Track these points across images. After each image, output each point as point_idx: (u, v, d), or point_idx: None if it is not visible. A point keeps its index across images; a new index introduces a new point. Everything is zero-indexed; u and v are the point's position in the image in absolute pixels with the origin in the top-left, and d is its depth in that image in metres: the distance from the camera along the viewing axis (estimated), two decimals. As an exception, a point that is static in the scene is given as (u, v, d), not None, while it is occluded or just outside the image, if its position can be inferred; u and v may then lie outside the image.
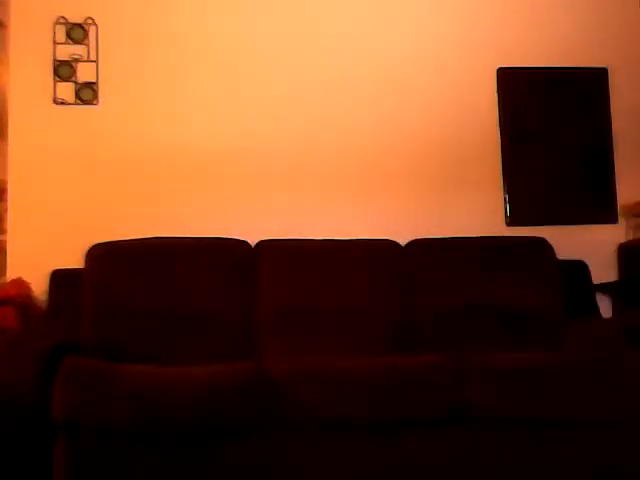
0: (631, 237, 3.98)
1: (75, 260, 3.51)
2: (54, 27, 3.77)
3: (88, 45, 3.79)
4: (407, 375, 2.77)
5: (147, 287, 3.41)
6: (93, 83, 3.79)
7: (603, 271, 3.89)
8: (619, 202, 4.06)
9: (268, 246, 3.60)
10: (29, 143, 3.72)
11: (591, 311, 3.74)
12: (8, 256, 3.64)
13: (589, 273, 3.81)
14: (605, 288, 3.86)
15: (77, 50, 3.79)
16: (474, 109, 4.04)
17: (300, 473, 2.66)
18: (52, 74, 3.75)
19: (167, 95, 3.86)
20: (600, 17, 4.18)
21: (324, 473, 2.67)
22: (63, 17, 3.79)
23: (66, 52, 3.77)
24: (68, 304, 3.41)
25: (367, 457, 2.68)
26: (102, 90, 3.79)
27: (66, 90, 3.76)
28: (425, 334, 3.50)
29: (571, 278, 3.74)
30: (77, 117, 3.77)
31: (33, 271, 3.53)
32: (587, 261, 3.83)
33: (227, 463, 2.63)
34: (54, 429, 2.57)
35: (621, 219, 4.04)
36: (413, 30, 4.06)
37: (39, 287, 3.52)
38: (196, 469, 2.61)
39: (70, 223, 3.69)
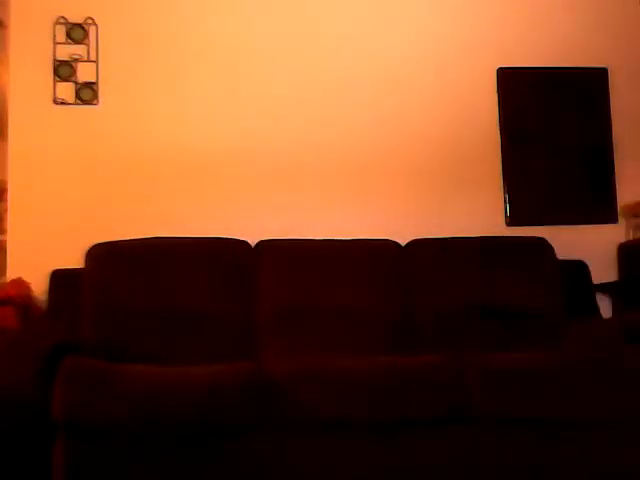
0: (631, 237, 3.98)
1: (75, 260, 3.51)
2: (54, 27, 3.77)
3: (88, 45, 3.79)
4: (407, 375, 2.77)
5: (147, 287, 3.41)
6: (93, 83, 3.79)
7: (603, 271, 3.89)
8: (619, 202, 4.06)
9: (268, 246, 3.60)
10: (29, 143, 3.72)
11: (591, 311, 3.74)
12: (8, 256, 3.64)
13: (589, 273, 3.81)
14: (605, 288, 3.86)
15: (77, 50, 3.79)
16: (474, 109, 4.04)
17: (300, 473, 2.66)
18: (52, 74, 3.75)
19: (167, 95, 3.86)
20: (600, 17, 4.18)
21: (324, 473, 2.67)
22: (63, 17, 3.79)
23: (66, 52, 3.77)
24: (68, 304, 3.41)
25: (367, 457, 2.68)
26: (102, 90, 3.79)
27: (66, 90, 3.76)
28: (425, 334, 3.50)
29: (571, 278, 3.74)
30: (77, 117, 3.78)
31: (33, 271, 3.53)
32: (587, 261, 3.83)
33: (227, 463, 2.63)
34: (54, 429, 2.57)
35: (621, 219, 4.05)
36: (413, 30, 4.06)
37: (39, 287, 3.51)
38: (196, 469, 2.61)
39: (70, 223, 3.69)
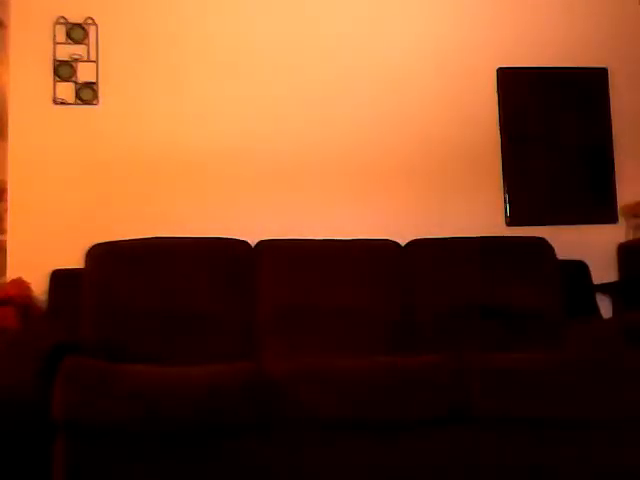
0: (631, 237, 3.98)
1: (75, 260, 3.50)
2: (54, 27, 3.77)
3: (88, 45, 3.79)
4: (407, 375, 2.77)
5: (147, 287, 3.41)
6: (93, 83, 3.79)
7: (603, 271, 3.89)
8: (619, 202, 4.06)
9: (268, 246, 3.60)
10: (29, 143, 3.72)
11: (591, 311, 3.74)
12: (8, 256, 3.64)
13: (589, 273, 3.81)
14: (605, 288, 3.86)
15: (77, 50, 3.78)
16: (474, 109, 4.04)
17: (300, 473, 2.66)
18: (52, 74, 3.75)
19: (167, 95, 3.86)
20: (600, 17, 4.18)
21: (324, 473, 2.67)
22: (63, 17, 3.79)
23: (66, 52, 3.77)
24: (68, 304, 3.41)
25: (367, 457, 2.68)
26: (102, 90, 3.79)
27: (66, 90, 3.76)
28: (425, 334, 3.50)
29: (571, 278, 3.74)
30: (77, 117, 3.78)
31: (33, 271, 3.53)
32: (587, 261, 3.83)
33: (227, 463, 2.63)
34: (54, 429, 2.57)
35: (621, 219, 4.04)
36: (413, 30, 4.06)
37: (39, 287, 3.51)
38: (196, 469, 2.61)
39: (70, 223, 3.69)
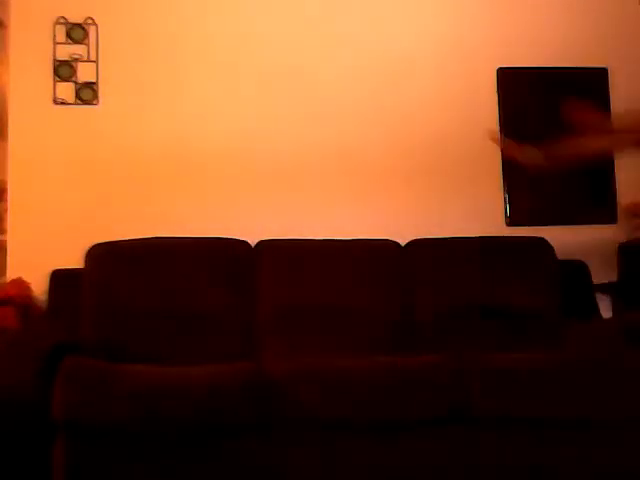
0: (631, 237, 3.98)
1: (75, 260, 3.50)
2: (54, 27, 3.77)
3: (88, 45, 3.79)
4: (407, 375, 2.77)
5: (147, 287, 3.41)
6: (93, 83, 3.78)
7: (603, 271, 3.89)
8: (619, 202, 4.06)
9: (268, 246, 3.60)
10: (29, 143, 3.72)
11: (591, 311, 3.74)
12: (8, 256, 3.63)
13: (589, 273, 3.81)
14: (605, 288, 3.86)
15: (77, 50, 3.78)
16: (474, 109, 4.04)
17: (300, 473, 2.66)
18: (52, 74, 3.75)
19: (167, 95, 3.86)
20: (600, 17, 4.18)
21: (324, 473, 2.67)
22: (63, 17, 3.79)
23: (66, 52, 3.77)
24: (68, 304, 3.41)
25: (367, 457, 2.68)
26: (102, 90, 3.79)
27: (66, 90, 3.76)
28: (425, 334, 3.50)
29: (571, 278, 3.74)
30: (77, 117, 3.77)
31: (33, 271, 3.53)
32: (587, 261, 3.83)
33: (227, 463, 2.63)
34: (54, 429, 2.57)
35: (621, 219, 4.04)
36: (413, 30, 4.06)
37: (39, 287, 3.52)
38: (196, 469, 2.61)
39: (70, 223, 3.69)
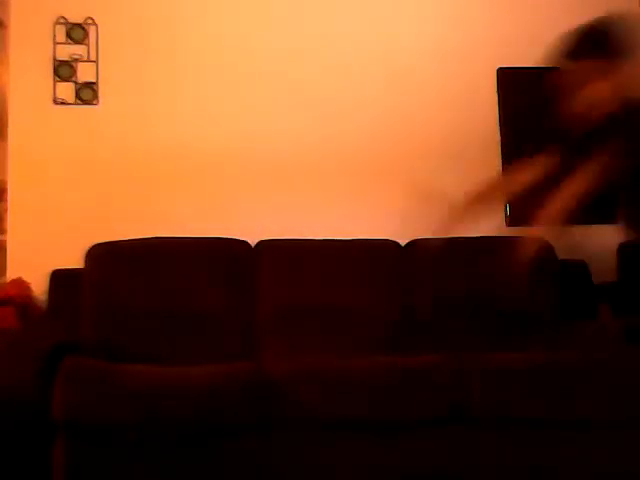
0: (631, 237, 3.97)
1: (75, 260, 3.50)
2: (54, 27, 3.77)
3: (88, 45, 3.79)
4: (407, 375, 2.77)
5: (147, 287, 3.41)
6: (93, 83, 3.78)
7: (603, 271, 3.89)
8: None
9: (268, 246, 3.60)
10: (29, 143, 3.72)
11: (591, 311, 3.74)
12: (8, 256, 3.63)
13: (589, 273, 3.81)
14: (605, 288, 3.85)
15: (77, 50, 3.78)
16: (474, 109, 4.04)
17: (300, 473, 2.66)
18: (52, 74, 3.75)
19: (167, 95, 3.86)
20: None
21: (324, 473, 2.67)
22: (63, 17, 3.79)
23: (66, 52, 3.77)
24: (68, 304, 3.41)
25: (367, 457, 2.68)
26: (102, 90, 3.79)
27: (66, 90, 3.76)
28: (425, 334, 3.50)
29: (571, 278, 3.74)
30: (77, 117, 3.77)
31: (33, 271, 3.53)
32: (587, 261, 3.82)
33: (227, 463, 2.63)
34: (54, 429, 2.57)
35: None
36: (413, 30, 4.06)
37: (39, 287, 3.52)
38: (196, 469, 2.61)
39: (70, 223, 3.69)
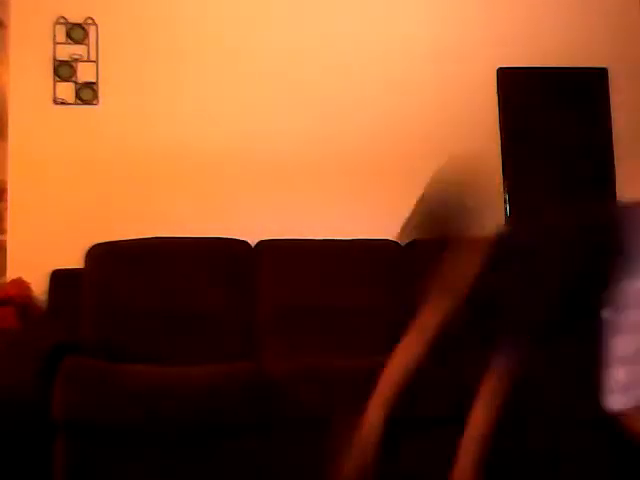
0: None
1: (75, 260, 3.50)
2: (54, 27, 3.77)
3: (88, 45, 3.79)
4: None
5: (147, 287, 3.41)
6: (93, 83, 3.78)
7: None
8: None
9: (268, 246, 3.60)
10: (29, 143, 3.72)
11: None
12: (8, 256, 3.63)
13: (589, 273, 3.80)
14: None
15: (77, 50, 3.78)
16: (474, 109, 4.04)
17: (300, 473, 2.66)
18: (52, 74, 3.75)
19: (167, 95, 3.86)
20: (600, 17, 4.18)
21: (324, 473, 2.67)
22: (63, 17, 3.79)
23: (66, 52, 3.77)
24: (68, 304, 3.40)
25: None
26: (102, 90, 3.79)
27: (66, 90, 3.76)
28: (425, 334, 3.50)
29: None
30: (77, 117, 3.77)
31: (33, 271, 3.53)
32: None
33: (227, 463, 2.63)
34: (54, 429, 2.57)
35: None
36: (413, 30, 4.06)
37: (39, 287, 3.52)
38: (196, 469, 2.61)
39: (70, 223, 3.69)
